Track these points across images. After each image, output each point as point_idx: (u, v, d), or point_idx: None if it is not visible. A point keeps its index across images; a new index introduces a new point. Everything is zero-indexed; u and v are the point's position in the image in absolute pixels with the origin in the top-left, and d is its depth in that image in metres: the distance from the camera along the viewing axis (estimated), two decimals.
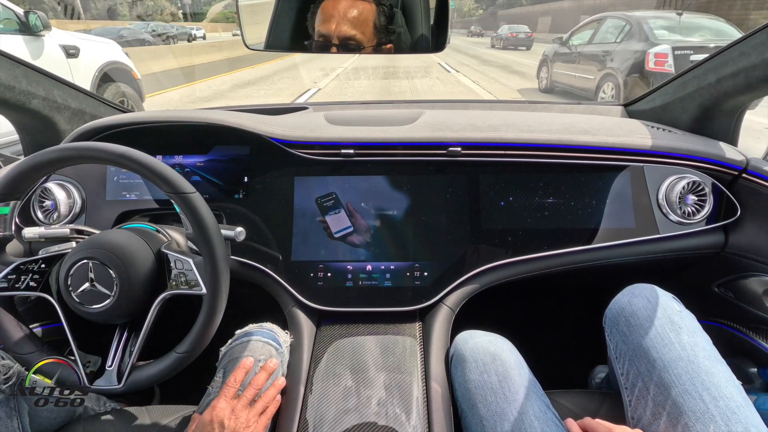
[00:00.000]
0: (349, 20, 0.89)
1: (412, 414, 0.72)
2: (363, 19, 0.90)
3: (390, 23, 0.94)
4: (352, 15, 0.89)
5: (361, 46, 0.90)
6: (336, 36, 0.89)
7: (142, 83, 4.44)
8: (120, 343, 0.74)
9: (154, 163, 0.68)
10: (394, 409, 0.72)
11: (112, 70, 4.05)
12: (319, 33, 0.91)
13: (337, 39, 0.89)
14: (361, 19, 0.90)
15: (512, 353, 0.75)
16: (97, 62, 3.88)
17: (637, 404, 0.67)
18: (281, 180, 0.97)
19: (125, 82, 4.18)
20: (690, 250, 0.95)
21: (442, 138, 0.96)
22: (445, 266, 0.92)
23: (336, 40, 0.89)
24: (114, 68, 4.08)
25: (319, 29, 0.91)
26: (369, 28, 0.91)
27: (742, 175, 0.93)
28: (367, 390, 0.75)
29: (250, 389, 0.73)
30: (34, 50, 3.35)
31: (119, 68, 4.15)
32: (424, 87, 8.63)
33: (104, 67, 3.96)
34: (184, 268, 0.72)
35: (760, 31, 0.82)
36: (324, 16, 0.90)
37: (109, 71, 4.02)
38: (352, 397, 0.74)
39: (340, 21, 0.89)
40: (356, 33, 0.90)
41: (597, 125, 1.03)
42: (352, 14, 0.89)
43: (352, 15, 0.89)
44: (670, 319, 0.70)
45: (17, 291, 0.72)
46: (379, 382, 0.77)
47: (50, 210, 0.97)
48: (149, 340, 0.73)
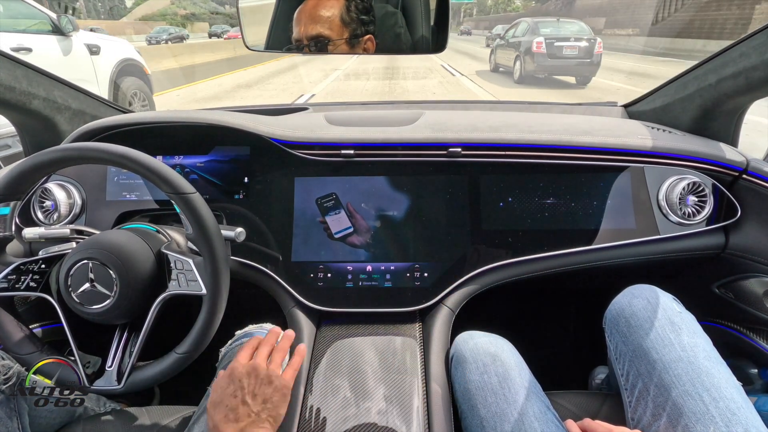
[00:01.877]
0: (313, 18, 0.90)
1: (412, 414, 0.72)
2: (329, 15, 0.91)
3: (364, 14, 0.93)
4: (317, 13, 0.90)
5: (329, 40, 0.91)
6: (305, 37, 0.90)
7: (152, 78, 4.88)
8: (120, 343, 0.74)
9: (154, 164, 0.69)
10: (393, 410, 0.72)
11: (126, 66, 4.46)
12: (294, 37, 0.93)
13: (306, 40, 0.90)
14: (326, 15, 0.91)
15: (512, 354, 0.75)
16: (114, 59, 4.30)
17: (637, 405, 0.67)
18: (281, 180, 0.97)
19: (138, 77, 4.61)
20: (690, 251, 0.95)
21: (443, 138, 0.96)
22: (446, 267, 0.92)
23: (306, 41, 0.90)
24: (128, 64, 4.49)
25: (293, 33, 0.93)
26: (336, 22, 0.91)
27: (742, 175, 0.93)
28: (367, 390, 0.75)
29: (264, 346, 0.72)
30: (64, 48, 3.77)
31: (133, 64, 4.57)
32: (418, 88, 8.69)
33: (120, 63, 4.37)
34: (184, 268, 0.72)
35: (760, 32, 0.82)
36: (296, 19, 0.92)
37: (124, 67, 4.43)
38: (353, 397, 0.74)
39: (306, 22, 0.90)
40: (322, 29, 0.90)
41: (597, 126, 1.03)
42: (317, 12, 0.90)
43: (317, 13, 0.90)
44: (671, 319, 0.70)
45: (17, 291, 0.72)
46: (379, 383, 0.77)
47: (50, 210, 0.97)
48: (149, 341, 0.73)
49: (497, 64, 11.04)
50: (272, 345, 0.74)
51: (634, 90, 7.50)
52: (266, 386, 0.65)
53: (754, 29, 0.84)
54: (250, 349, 0.71)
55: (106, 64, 4.20)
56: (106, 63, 4.20)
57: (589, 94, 8.20)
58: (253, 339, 0.74)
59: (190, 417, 0.75)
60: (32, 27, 3.62)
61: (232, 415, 0.61)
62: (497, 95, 7.93)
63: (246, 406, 0.62)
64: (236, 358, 0.69)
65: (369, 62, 12.75)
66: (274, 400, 0.65)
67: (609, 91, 8.31)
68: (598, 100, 1.54)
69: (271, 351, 0.73)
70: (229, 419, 0.61)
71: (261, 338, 0.75)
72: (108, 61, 4.23)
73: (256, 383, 0.65)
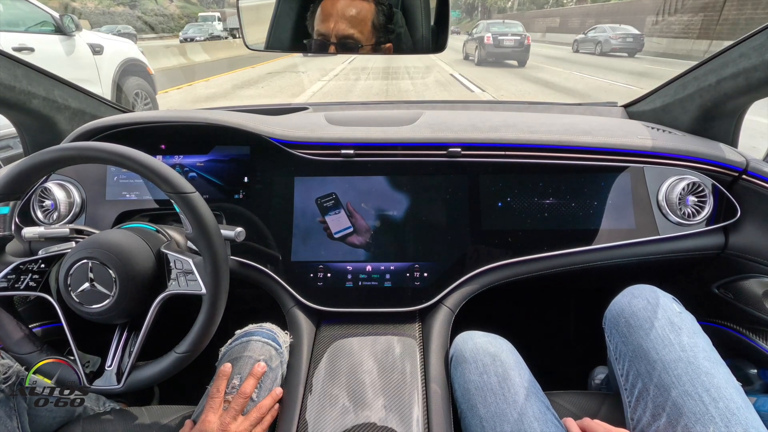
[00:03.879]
0: (347, 18, 0.89)
1: (411, 415, 0.72)
2: (362, 18, 0.90)
3: (389, 22, 0.93)
4: (351, 13, 0.89)
5: (360, 44, 0.90)
6: (334, 35, 0.89)
7: (155, 78, 4.90)
8: (120, 343, 0.74)
9: (153, 163, 0.68)
10: (393, 410, 0.72)
11: (130, 66, 4.48)
12: (318, 32, 0.91)
13: (335, 38, 0.89)
14: (359, 17, 0.89)
15: (512, 354, 0.75)
16: (117, 58, 4.35)
17: (637, 405, 0.67)
18: (281, 180, 0.97)
19: (141, 76, 4.63)
20: (690, 251, 0.95)
21: (442, 138, 0.96)
22: (445, 267, 0.92)
23: (334, 38, 0.89)
24: (131, 64, 4.52)
25: (318, 28, 0.91)
26: (367, 26, 0.90)
27: (742, 176, 0.93)
28: (367, 390, 0.75)
29: (238, 399, 0.70)
30: (67, 48, 3.82)
31: (136, 64, 4.60)
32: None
33: (123, 63, 4.40)
34: (183, 268, 0.72)
35: (760, 32, 0.82)
36: (323, 14, 0.90)
37: (128, 67, 4.45)
38: (352, 397, 0.74)
39: (338, 19, 0.88)
40: (354, 32, 0.89)
41: (597, 126, 1.03)
42: (351, 13, 0.89)
43: (350, 13, 0.89)
44: (670, 320, 0.70)
45: (17, 291, 0.72)
46: (379, 383, 0.77)
47: (50, 210, 0.97)
48: (149, 340, 0.73)
49: (467, 54, 14.79)
50: (247, 397, 0.71)
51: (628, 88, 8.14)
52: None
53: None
54: (218, 401, 0.69)
55: (109, 64, 4.23)
56: (109, 63, 4.22)
57: (585, 91, 8.33)
58: (219, 380, 0.72)
59: (189, 416, 0.75)
60: (34, 27, 3.66)
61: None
62: (466, 75, 10.47)
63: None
64: (207, 409, 0.68)
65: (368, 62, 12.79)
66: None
67: (606, 89, 8.86)
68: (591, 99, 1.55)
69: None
70: None
71: (228, 371, 0.73)
72: (110, 61, 4.25)
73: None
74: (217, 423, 0.67)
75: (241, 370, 0.76)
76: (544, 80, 9.71)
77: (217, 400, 0.70)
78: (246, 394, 0.72)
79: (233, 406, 0.70)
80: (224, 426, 0.67)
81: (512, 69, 12.15)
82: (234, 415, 0.69)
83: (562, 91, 8.26)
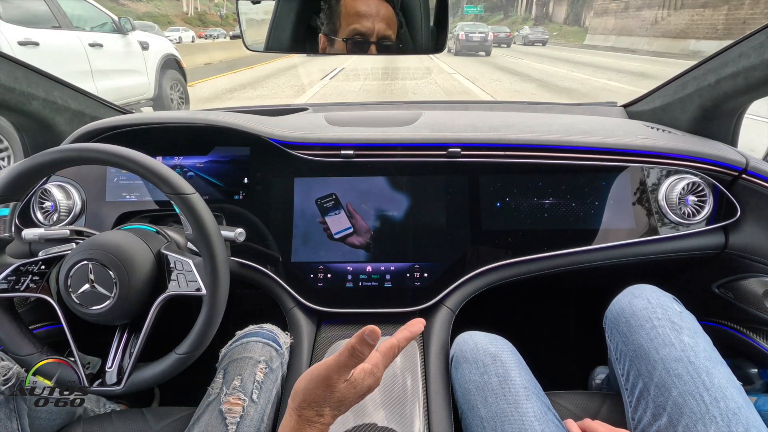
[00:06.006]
0: (383, 18, 0.86)
1: (412, 414, 0.72)
2: (392, 18, 0.87)
3: (401, 25, 0.93)
4: (386, 13, 0.87)
5: (394, 46, 0.88)
6: (376, 34, 0.85)
7: (186, 71, 5.74)
8: (120, 344, 0.74)
9: (153, 164, 0.68)
10: (394, 410, 0.72)
11: (168, 60, 5.27)
12: (356, 31, 0.86)
13: (376, 37, 0.86)
14: (391, 17, 0.87)
15: (512, 354, 0.75)
16: (159, 53, 5.11)
17: (638, 405, 0.67)
18: (281, 181, 0.97)
19: (176, 70, 5.48)
20: (690, 251, 0.95)
21: (442, 139, 0.96)
22: (445, 267, 0.92)
23: (375, 38, 0.86)
24: (169, 59, 5.31)
25: (356, 27, 0.86)
26: (395, 24, 0.88)
27: (741, 175, 0.93)
28: None
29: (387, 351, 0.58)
30: (125, 44, 4.61)
31: (173, 59, 5.40)
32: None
33: (164, 58, 5.17)
34: (183, 269, 0.72)
35: (759, 31, 0.82)
36: (360, 13, 0.86)
37: (167, 61, 5.24)
38: None
39: (377, 19, 0.85)
40: (391, 33, 0.87)
41: (597, 126, 1.03)
42: (386, 13, 0.87)
43: (386, 13, 0.87)
44: (671, 319, 0.70)
45: (17, 292, 0.72)
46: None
47: (50, 211, 0.96)
48: (149, 341, 0.73)
49: (447, 47, 17.98)
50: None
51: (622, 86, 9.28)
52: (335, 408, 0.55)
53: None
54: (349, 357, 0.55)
55: (153, 58, 4.98)
56: (153, 57, 4.97)
57: (584, 91, 8.51)
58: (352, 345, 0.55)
59: (190, 417, 0.75)
60: (97, 27, 4.43)
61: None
62: (448, 63, 13.37)
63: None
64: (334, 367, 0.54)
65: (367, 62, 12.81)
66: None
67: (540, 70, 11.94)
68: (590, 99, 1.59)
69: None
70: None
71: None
72: (155, 55, 5.00)
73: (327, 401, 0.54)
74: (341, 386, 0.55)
75: (242, 371, 0.75)
76: (500, 65, 13.77)
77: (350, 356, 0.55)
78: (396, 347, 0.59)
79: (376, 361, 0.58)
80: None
81: (480, 58, 16.96)
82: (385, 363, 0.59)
83: (511, 72, 11.68)
